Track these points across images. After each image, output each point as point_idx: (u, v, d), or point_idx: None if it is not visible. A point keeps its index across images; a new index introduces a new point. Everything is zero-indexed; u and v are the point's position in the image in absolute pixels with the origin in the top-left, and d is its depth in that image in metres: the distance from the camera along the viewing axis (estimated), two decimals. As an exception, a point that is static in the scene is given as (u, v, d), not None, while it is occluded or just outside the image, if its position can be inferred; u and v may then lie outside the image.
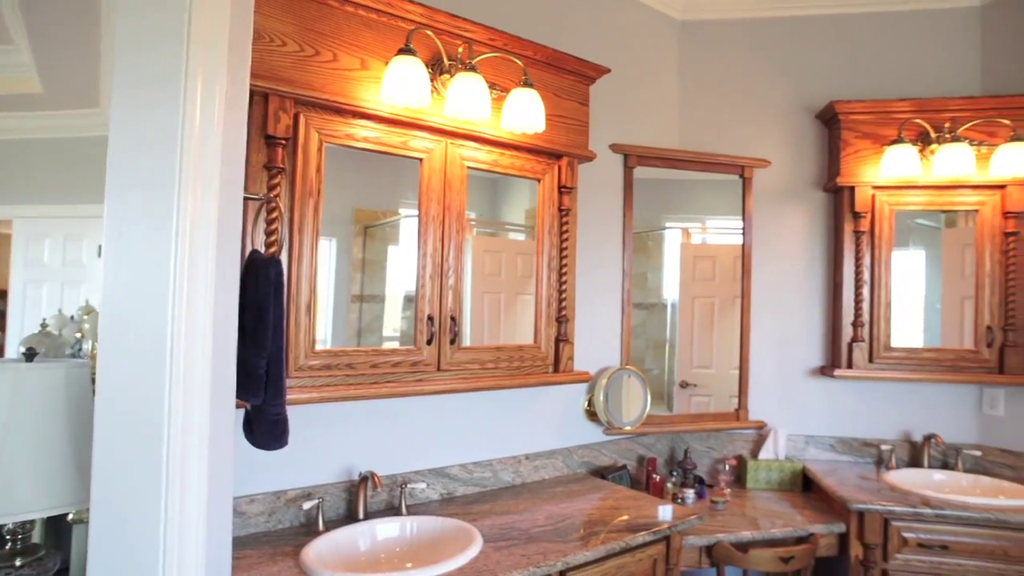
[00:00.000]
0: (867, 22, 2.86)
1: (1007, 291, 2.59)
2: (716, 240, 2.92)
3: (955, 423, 2.74)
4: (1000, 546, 2.18)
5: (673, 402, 2.83)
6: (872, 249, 2.69)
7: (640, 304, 2.88)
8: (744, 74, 2.92)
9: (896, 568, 2.24)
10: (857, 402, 2.81)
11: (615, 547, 1.77)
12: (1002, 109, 2.58)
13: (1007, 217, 2.59)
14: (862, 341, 2.67)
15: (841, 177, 2.69)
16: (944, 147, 2.53)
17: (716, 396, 2.84)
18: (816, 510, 2.45)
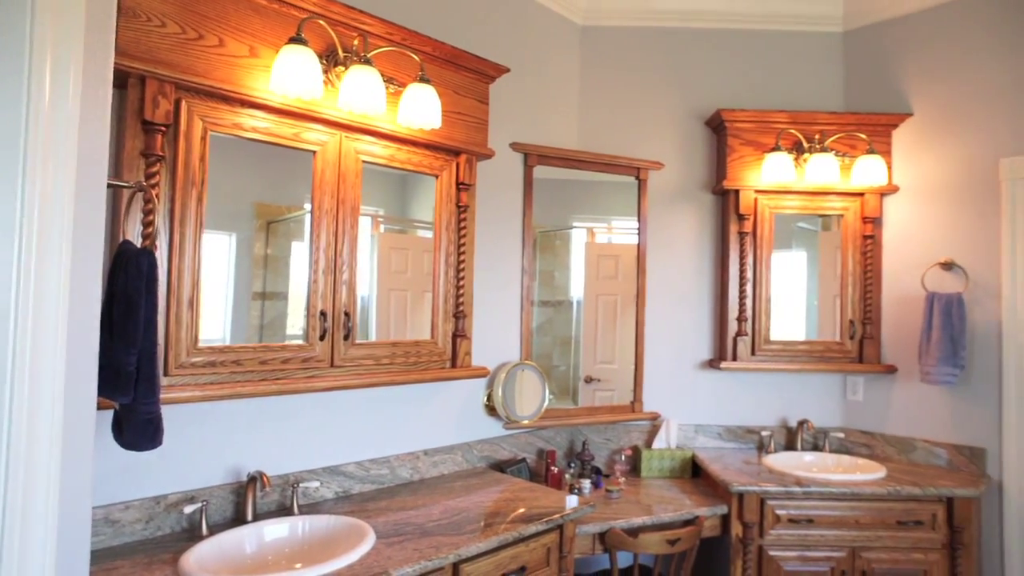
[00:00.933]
0: (749, 38, 3.06)
1: (865, 288, 2.85)
2: (620, 240, 3.03)
3: (824, 408, 2.99)
4: (854, 516, 2.41)
5: (578, 397, 2.92)
6: (755, 249, 2.88)
7: (547, 302, 2.94)
8: (641, 80, 3.05)
9: (770, 542, 2.42)
10: (741, 392, 3.01)
11: (508, 537, 1.81)
12: (861, 125, 2.84)
13: (865, 222, 2.86)
14: (745, 335, 2.86)
15: (727, 181, 2.87)
16: (814, 156, 2.76)
17: (619, 390, 2.95)
18: (703, 494, 2.60)
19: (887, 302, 2.88)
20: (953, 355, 2.56)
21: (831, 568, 2.43)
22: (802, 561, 2.43)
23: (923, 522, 2.42)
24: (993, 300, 2.59)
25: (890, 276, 2.87)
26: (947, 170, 2.74)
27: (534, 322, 2.86)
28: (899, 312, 2.84)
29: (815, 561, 2.43)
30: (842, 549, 2.43)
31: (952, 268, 2.69)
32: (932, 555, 2.42)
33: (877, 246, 2.88)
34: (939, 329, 2.59)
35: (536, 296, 2.88)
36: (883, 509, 2.42)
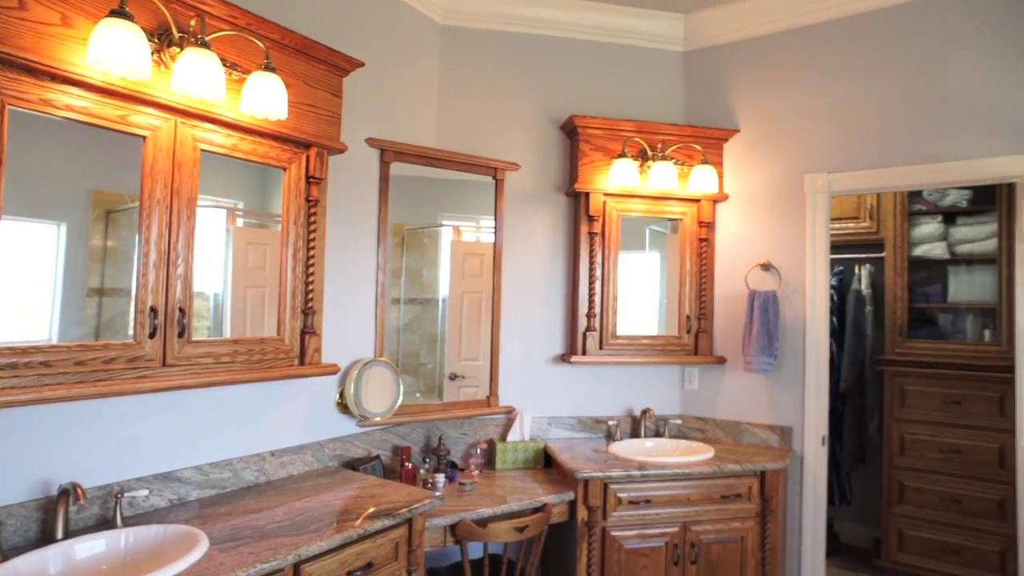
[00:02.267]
0: (602, 50, 3.25)
1: (700, 287, 3.13)
2: (487, 238, 3.08)
3: (665, 397, 3.25)
4: (686, 494, 2.65)
5: (444, 394, 2.95)
6: (603, 249, 3.06)
7: (415, 299, 2.94)
8: (500, 83, 3.13)
9: (612, 524, 2.60)
10: (591, 384, 3.18)
11: (353, 534, 1.80)
12: (698, 137, 3.11)
13: (701, 226, 3.14)
14: (594, 330, 3.04)
15: (579, 184, 3.03)
16: (657, 164, 2.98)
17: (483, 386, 3.01)
18: (553, 483, 2.72)
19: (719, 299, 3.18)
20: (769, 346, 2.89)
21: (665, 543, 2.65)
22: (641, 539, 2.63)
23: (742, 495, 2.71)
24: (800, 297, 2.95)
25: (721, 276, 3.17)
26: (766, 182, 3.08)
27: (401, 320, 2.85)
28: (728, 308, 3.14)
29: (652, 538, 2.64)
30: (675, 524, 2.66)
31: (770, 269, 3.03)
32: (748, 523, 2.72)
33: (711, 248, 3.18)
34: (758, 323, 2.90)
35: (403, 294, 2.87)
36: (710, 486, 2.68)
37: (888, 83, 2.81)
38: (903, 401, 3.65)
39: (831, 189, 2.90)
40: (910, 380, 3.63)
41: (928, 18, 2.73)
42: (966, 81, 2.65)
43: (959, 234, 3.65)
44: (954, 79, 2.67)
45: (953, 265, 3.72)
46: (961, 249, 3.64)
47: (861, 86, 2.87)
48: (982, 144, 2.61)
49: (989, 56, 2.61)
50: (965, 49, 2.65)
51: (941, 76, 2.70)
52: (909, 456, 3.62)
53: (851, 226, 3.95)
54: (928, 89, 2.72)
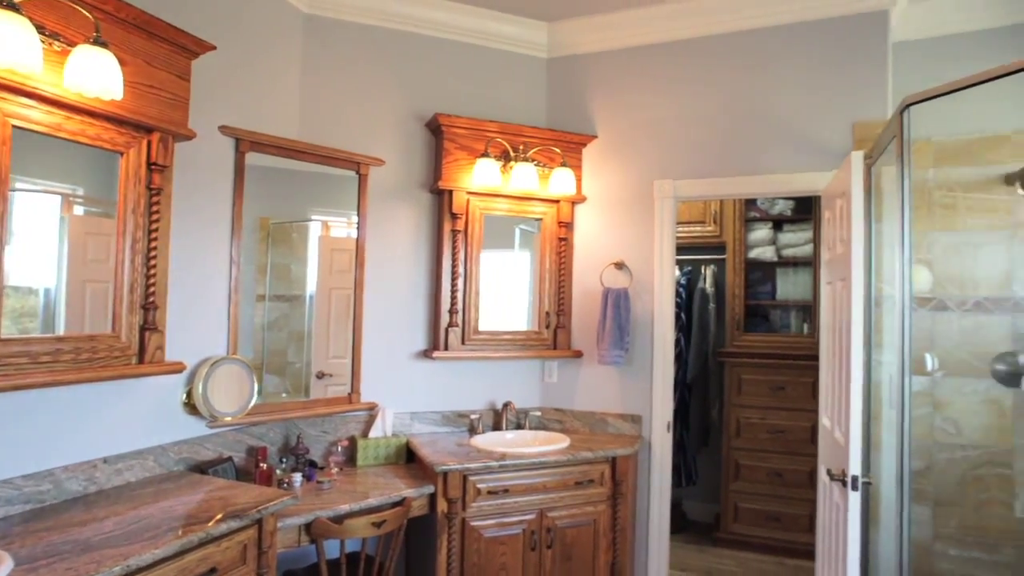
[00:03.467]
0: (469, 51, 3.31)
1: (559, 284, 3.29)
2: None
3: (526, 391, 3.37)
4: (542, 482, 2.77)
5: (311, 392, 2.86)
6: (466, 247, 3.12)
7: (282, 296, 2.83)
8: (365, 77, 3.10)
9: (472, 514, 2.66)
10: (454, 379, 3.23)
11: (193, 539, 1.72)
12: (558, 141, 3.26)
13: (560, 226, 3.29)
14: (457, 326, 3.09)
15: (442, 181, 3.06)
16: (519, 165, 3.09)
17: (349, 384, 2.96)
18: (415, 477, 2.75)
19: (576, 296, 3.35)
20: (621, 340, 3.09)
21: (523, 530, 2.76)
22: (500, 527, 2.71)
23: (594, 480, 2.88)
24: (649, 295, 3.19)
25: (579, 273, 3.35)
26: (621, 186, 3.29)
27: (266, 317, 2.75)
28: (585, 304, 3.32)
29: (510, 526, 2.73)
30: (533, 512, 2.77)
31: (623, 268, 3.24)
32: (600, 506, 2.90)
33: (569, 247, 3.34)
34: (611, 319, 3.10)
35: (268, 290, 2.77)
36: (565, 473, 2.82)
37: (725, 102, 3.11)
38: (740, 389, 4.04)
39: (677, 194, 3.16)
40: (746, 370, 4.03)
41: (759, 50, 3.05)
42: (786, 107, 2.99)
43: (785, 239, 4.10)
44: (777, 104, 3.01)
45: (781, 267, 4.18)
46: (786, 252, 4.10)
47: (703, 102, 3.15)
48: (797, 161, 2.96)
49: (804, 89, 2.97)
50: (787, 81, 3.00)
51: (767, 101, 3.03)
52: (744, 438, 4.02)
53: (698, 230, 4.32)
54: (756, 111, 3.05)
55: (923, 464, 3.05)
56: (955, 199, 3.02)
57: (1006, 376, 2.91)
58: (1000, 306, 2.93)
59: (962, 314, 3.00)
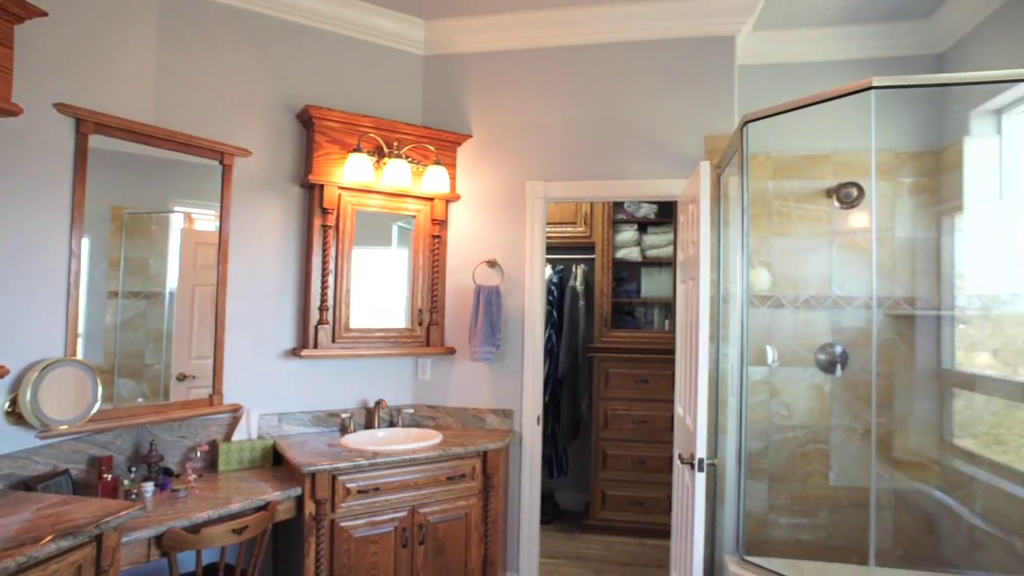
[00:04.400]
0: (344, 43, 3.23)
1: (433, 281, 3.31)
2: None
3: (399, 388, 3.36)
4: (414, 479, 2.78)
5: (170, 396, 2.67)
6: (337, 243, 3.06)
7: (139, 293, 2.61)
8: (231, 61, 2.93)
9: (341, 515, 2.62)
10: (324, 378, 3.16)
11: (10, 565, 1.55)
12: (433, 139, 3.28)
13: (434, 223, 3.31)
14: (327, 324, 3.02)
15: (313, 175, 2.98)
16: (392, 161, 3.07)
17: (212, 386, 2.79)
18: (282, 480, 2.65)
19: (449, 293, 3.38)
20: (492, 336, 3.16)
21: (395, 527, 2.75)
22: (370, 526, 2.69)
23: (466, 475, 2.93)
24: (520, 292, 3.29)
25: (452, 271, 3.38)
26: (494, 185, 3.36)
27: (119, 316, 2.53)
28: (458, 302, 3.36)
29: (382, 524, 2.72)
30: (404, 509, 2.77)
31: (495, 266, 3.32)
32: (472, 500, 2.95)
33: (443, 245, 3.36)
34: (483, 316, 3.16)
35: (122, 286, 2.54)
36: (437, 469, 2.84)
37: (593, 110, 3.27)
38: (607, 382, 4.26)
39: (547, 195, 3.28)
40: (613, 364, 4.26)
41: (622, 62, 3.25)
42: (647, 118, 3.21)
43: (649, 241, 4.39)
44: (639, 115, 3.22)
45: (645, 267, 4.46)
46: (651, 253, 4.38)
47: (572, 108, 3.29)
48: (657, 168, 3.18)
49: (662, 102, 3.20)
50: (647, 93, 3.22)
51: (630, 111, 3.23)
52: (611, 429, 4.25)
53: (570, 230, 4.50)
54: (620, 120, 3.24)
55: (761, 445, 3.39)
56: (789, 208, 3.39)
57: (826, 364, 3.31)
58: (822, 303, 3.33)
59: (794, 310, 3.36)
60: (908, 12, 3.19)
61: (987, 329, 3.04)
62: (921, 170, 3.29)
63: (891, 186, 3.33)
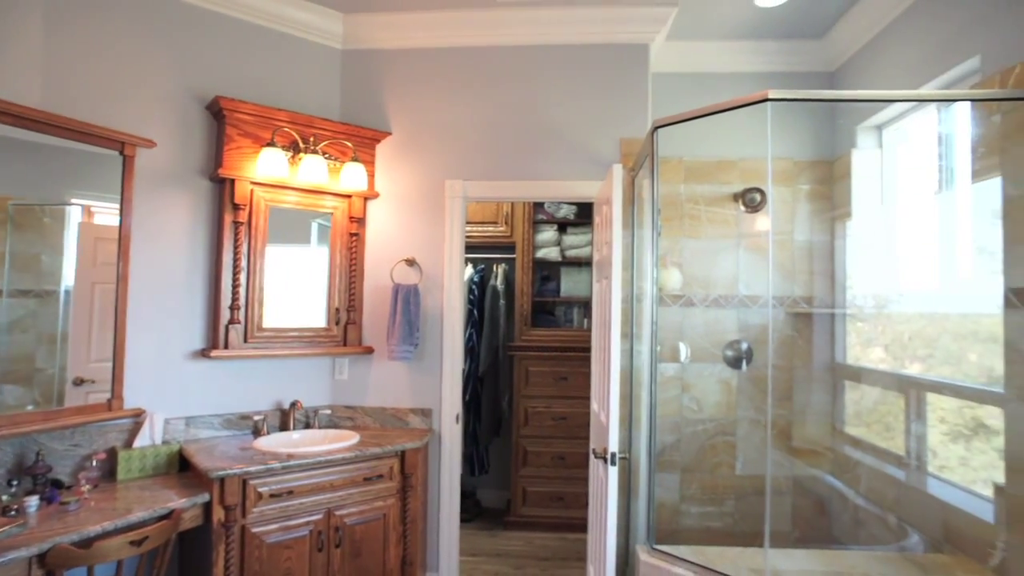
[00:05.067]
0: (258, 33, 3.12)
1: (350, 280, 3.25)
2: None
3: (315, 389, 3.28)
4: (329, 480, 2.73)
5: (65, 402, 2.49)
6: (250, 239, 2.95)
7: (28, 291, 2.42)
8: (133, 46, 2.78)
9: (253, 520, 2.53)
10: (236, 380, 3.04)
11: None
12: (351, 135, 3.22)
13: (352, 221, 3.26)
14: (238, 323, 2.91)
15: (223, 169, 2.86)
16: (308, 157, 2.99)
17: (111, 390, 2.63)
18: (188, 487, 2.53)
19: (367, 292, 3.34)
20: (410, 335, 3.15)
21: (310, 531, 2.69)
22: (284, 531, 2.62)
23: (383, 475, 2.90)
24: (439, 291, 3.29)
25: (370, 269, 3.34)
26: (413, 183, 3.34)
27: (3, 317, 2.32)
28: (376, 300, 3.32)
29: (296, 528, 2.65)
30: (320, 512, 2.71)
31: (413, 265, 3.30)
32: (390, 500, 2.93)
33: (361, 243, 3.31)
34: (401, 314, 3.14)
35: (7, 284, 2.35)
36: (353, 470, 2.80)
37: (512, 110, 3.31)
38: (527, 380, 4.32)
39: (467, 194, 3.30)
40: (533, 362, 4.32)
41: (541, 65, 3.31)
42: (565, 120, 3.28)
43: (568, 241, 4.48)
44: (557, 117, 3.28)
45: (565, 266, 4.55)
46: (570, 253, 4.48)
47: (492, 109, 3.32)
48: (575, 170, 3.26)
49: (579, 105, 3.28)
50: (565, 95, 3.29)
51: (548, 113, 3.29)
52: (531, 426, 4.31)
53: (491, 230, 4.53)
54: (539, 121, 3.29)
55: (674, 438, 3.54)
56: (700, 211, 3.55)
57: (733, 360, 3.49)
58: (730, 302, 3.51)
59: (704, 309, 3.53)
60: (805, 32, 3.41)
61: (878, 326, 3.30)
62: (817, 178, 3.53)
63: (791, 192, 3.55)
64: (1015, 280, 2.11)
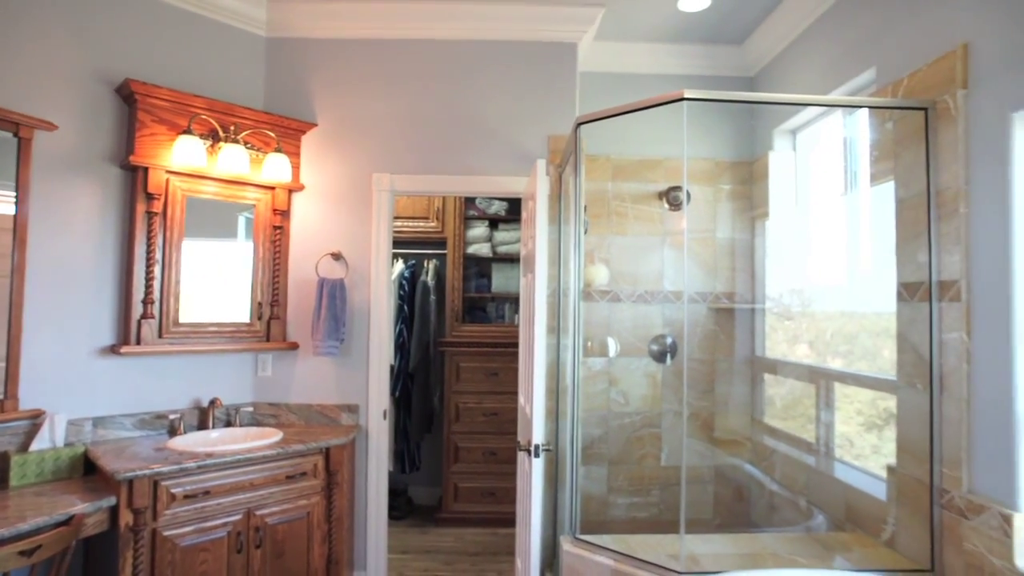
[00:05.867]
0: (174, 14, 2.99)
1: (274, 274, 3.16)
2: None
3: (237, 386, 3.17)
4: (249, 479, 2.65)
5: None
6: (165, 231, 2.83)
7: None
8: (30, 21, 2.61)
9: (165, 524, 2.43)
10: (150, 377, 2.91)
11: None
12: (275, 125, 3.13)
13: (275, 213, 3.17)
14: (152, 318, 2.78)
15: (135, 156, 2.73)
16: (227, 146, 2.89)
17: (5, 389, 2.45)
18: (93, 491, 2.40)
19: (292, 286, 3.25)
20: (336, 330, 3.09)
21: (228, 532, 2.60)
22: (199, 533, 2.52)
23: (307, 472, 2.83)
24: (366, 285, 3.24)
25: (295, 263, 3.25)
26: (340, 176, 3.28)
27: None
28: (301, 295, 3.24)
29: (212, 530, 2.55)
30: (239, 512, 2.63)
31: (339, 259, 3.24)
32: (314, 498, 2.86)
33: (285, 236, 3.23)
34: (326, 309, 3.08)
35: None
36: (275, 468, 2.73)
37: (441, 105, 3.30)
38: (458, 376, 4.32)
39: (394, 188, 3.26)
40: (464, 358, 4.32)
41: (470, 59, 3.31)
42: (494, 115, 3.29)
43: (500, 237, 4.50)
44: (486, 112, 3.30)
45: (496, 262, 4.57)
46: (501, 249, 4.50)
47: (421, 102, 3.30)
48: (504, 165, 3.28)
49: (508, 100, 3.30)
50: (494, 91, 3.30)
51: (477, 108, 3.30)
52: (462, 422, 4.31)
53: (422, 225, 4.50)
54: (468, 116, 3.30)
55: (601, 431, 3.61)
56: (627, 209, 3.64)
57: (658, 354, 3.60)
58: (655, 297, 3.61)
59: (630, 304, 3.62)
60: (726, 37, 3.55)
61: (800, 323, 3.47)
62: (737, 178, 3.68)
63: (713, 192, 3.69)
64: (905, 275, 2.26)
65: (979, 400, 1.95)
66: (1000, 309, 1.87)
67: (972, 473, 1.97)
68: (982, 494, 1.92)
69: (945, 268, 2.09)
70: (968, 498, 1.94)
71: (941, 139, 2.11)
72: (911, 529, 2.19)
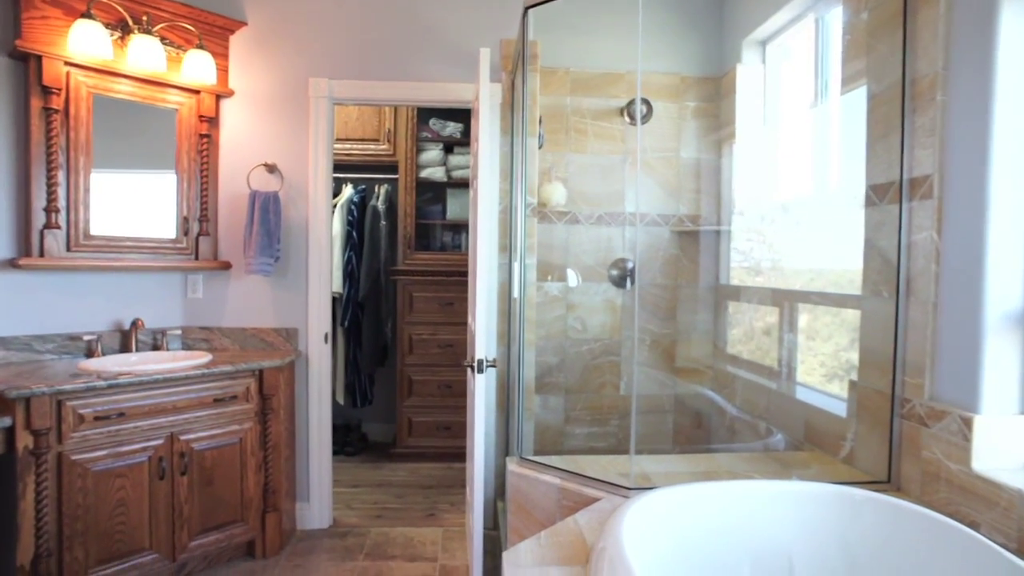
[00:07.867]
0: None
1: (202, 186, 2.89)
2: None
3: (164, 308, 2.94)
4: (172, 402, 2.45)
5: None
6: (68, 131, 2.53)
7: None
8: None
9: (73, 447, 2.22)
10: (61, 295, 2.65)
11: None
12: (196, 21, 2.81)
13: (202, 120, 2.87)
14: (58, 228, 2.51)
15: (23, 41, 2.41)
16: (139, 37, 2.58)
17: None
18: (-9, 413, 2.18)
19: (224, 201, 2.99)
20: (269, 247, 2.85)
21: (149, 457, 2.41)
22: (115, 458, 2.33)
23: (238, 396, 2.64)
24: (303, 200, 2.99)
25: (226, 175, 2.98)
26: (273, 81, 2.99)
27: None
28: (232, 210, 2.98)
29: (130, 455, 2.36)
30: (160, 437, 2.43)
31: (274, 171, 2.98)
32: (247, 424, 2.68)
33: (214, 146, 2.95)
34: (258, 224, 2.83)
35: None
36: (201, 390, 2.53)
37: (385, 5, 3.00)
38: (411, 307, 4.13)
39: (332, 95, 2.98)
40: (417, 287, 4.12)
41: (415, -54, 3.00)
42: (443, 18, 3.01)
43: (455, 161, 4.25)
44: (434, 14, 3.01)
45: (451, 188, 4.33)
46: (456, 174, 4.26)
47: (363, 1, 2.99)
48: (453, 72, 3.02)
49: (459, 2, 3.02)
50: (442, -18, 3.01)
51: (425, 9, 3.01)
52: (416, 355, 4.14)
53: (372, 148, 4.22)
54: (415, 18, 3.01)
55: (557, 359, 3.47)
56: (586, 125, 3.41)
57: (618, 279, 3.43)
58: (616, 220, 3.43)
59: (589, 226, 3.43)
60: (695, -66, 3.28)
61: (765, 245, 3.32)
62: (704, 95, 3.46)
63: (677, 108, 3.47)
64: (874, 177, 2.11)
65: (946, 302, 1.82)
66: (974, 204, 1.72)
67: (935, 379, 1.86)
68: (944, 400, 1.81)
69: (918, 164, 1.93)
70: (930, 405, 1.83)
71: (920, 20, 1.92)
72: (870, 444, 2.10)
